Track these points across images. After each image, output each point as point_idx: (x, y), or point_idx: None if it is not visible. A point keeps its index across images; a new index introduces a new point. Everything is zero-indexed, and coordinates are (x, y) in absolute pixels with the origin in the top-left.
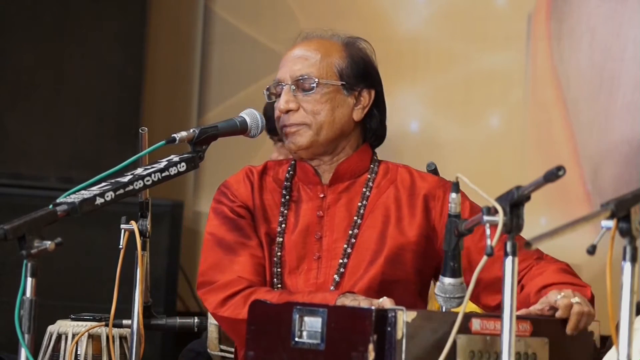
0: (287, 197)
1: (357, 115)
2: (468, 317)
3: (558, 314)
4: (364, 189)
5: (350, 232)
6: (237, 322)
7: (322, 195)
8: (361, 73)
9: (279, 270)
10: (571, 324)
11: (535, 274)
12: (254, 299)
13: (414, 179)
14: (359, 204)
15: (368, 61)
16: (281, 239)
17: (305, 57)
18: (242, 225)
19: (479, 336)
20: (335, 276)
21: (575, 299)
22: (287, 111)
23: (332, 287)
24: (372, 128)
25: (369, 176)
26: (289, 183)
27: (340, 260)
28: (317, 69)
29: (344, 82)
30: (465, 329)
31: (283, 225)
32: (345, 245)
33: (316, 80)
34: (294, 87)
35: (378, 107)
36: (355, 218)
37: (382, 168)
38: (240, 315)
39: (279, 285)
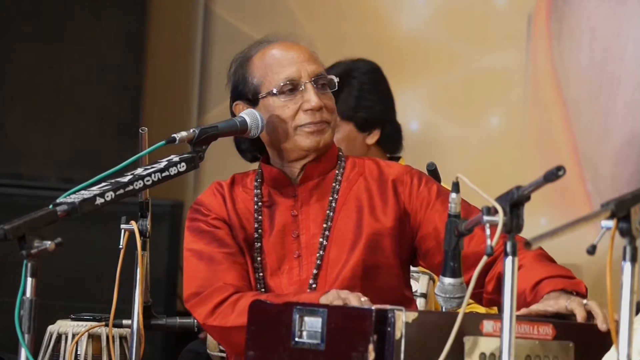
0: (259, 203)
1: None
2: (479, 318)
3: (579, 315)
4: (334, 184)
5: (324, 225)
6: (226, 330)
7: (294, 195)
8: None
9: (260, 274)
10: (600, 319)
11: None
12: (245, 302)
13: (381, 168)
14: (330, 198)
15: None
16: (259, 244)
17: (314, 57)
18: (220, 236)
19: (490, 338)
20: (314, 270)
21: (585, 301)
22: (320, 108)
23: (311, 281)
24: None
25: (337, 171)
26: (258, 190)
27: (318, 254)
28: (324, 69)
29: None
30: (476, 330)
31: (260, 231)
32: (321, 239)
33: (336, 80)
34: (316, 85)
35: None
36: (328, 212)
37: (349, 162)
38: (229, 322)
39: (262, 290)
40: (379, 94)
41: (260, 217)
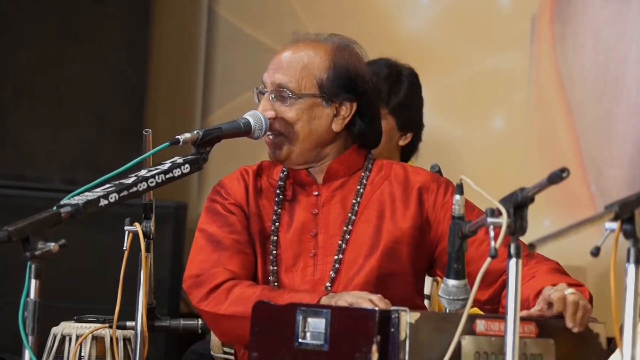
0: (281, 196)
1: (337, 126)
2: (472, 318)
3: (554, 308)
4: (358, 186)
5: (344, 228)
6: (217, 317)
7: (316, 194)
8: (343, 84)
9: (275, 268)
10: (568, 314)
11: (527, 275)
12: (239, 290)
13: (408, 174)
14: (353, 200)
15: (353, 70)
16: (275, 237)
17: (288, 64)
18: (233, 222)
19: (483, 337)
20: (332, 272)
21: (569, 291)
22: None
23: (328, 284)
24: (357, 135)
25: (362, 173)
26: (282, 183)
27: (336, 257)
28: (295, 80)
29: (323, 94)
30: (469, 330)
31: (277, 224)
32: (340, 242)
33: (291, 93)
34: (273, 96)
35: (362, 115)
36: (350, 214)
37: (376, 165)
38: (221, 310)
39: (275, 283)
40: (419, 100)
41: (279, 211)
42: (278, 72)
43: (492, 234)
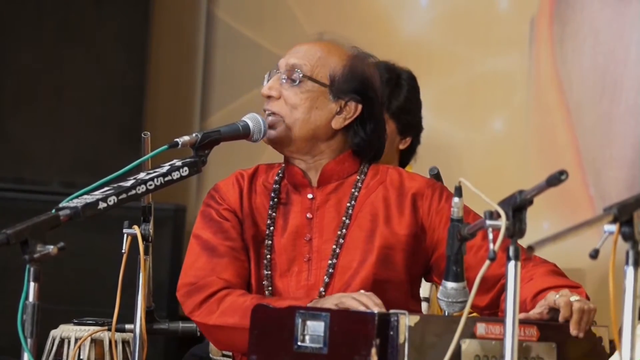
0: (276, 199)
1: (337, 123)
2: (473, 321)
3: (561, 314)
4: (353, 190)
5: (338, 232)
6: (208, 328)
7: (310, 197)
8: (355, 86)
9: (269, 272)
10: (574, 321)
11: (525, 278)
12: (230, 300)
13: (403, 179)
14: (348, 204)
15: (368, 78)
16: (270, 242)
17: (306, 51)
18: (227, 228)
19: (483, 340)
20: (325, 277)
21: (575, 297)
22: (268, 97)
23: (322, 289)
24: (354, 142)
25: (357, 177)
26: (277, 186)
27: (330, 261)
28: (310, 65)
29: (332, 88)
30: (470, 333)
31: (271, 228)
32: (334, 246)
33: (302, 74)
34: (284, 77)
35: (364, 124)
36: (344, 219)
37: (371, 170)
38: (211, 320)
39: (270, 288)
40: (418, 103)
41: (274, 214)
42: (294, 55)
43: (490, 236)
